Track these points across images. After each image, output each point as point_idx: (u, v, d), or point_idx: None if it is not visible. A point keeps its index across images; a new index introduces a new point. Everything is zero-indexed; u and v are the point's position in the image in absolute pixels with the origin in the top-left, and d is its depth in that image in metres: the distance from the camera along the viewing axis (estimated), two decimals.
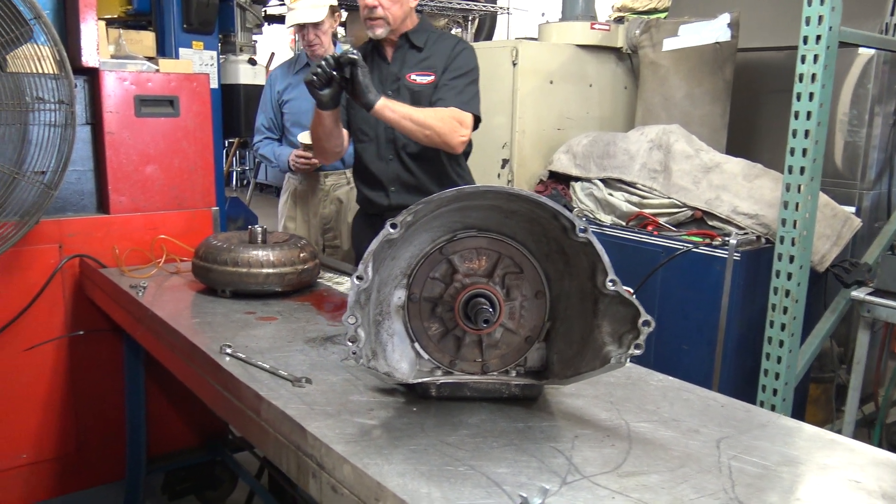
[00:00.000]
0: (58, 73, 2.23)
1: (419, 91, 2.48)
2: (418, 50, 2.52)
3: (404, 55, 2.53)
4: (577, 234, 1.29)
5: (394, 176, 2.58)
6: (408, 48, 2.52)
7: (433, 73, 2.49)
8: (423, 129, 2.33)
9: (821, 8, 2.50)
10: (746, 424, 1.42)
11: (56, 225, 2.52)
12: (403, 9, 2.45)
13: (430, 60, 2.51)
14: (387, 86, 2.50)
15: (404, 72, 2.51)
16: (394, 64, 2.53)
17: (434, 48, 2.52)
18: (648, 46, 3.83)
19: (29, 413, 2.56)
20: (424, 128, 2.33)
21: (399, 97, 2.43)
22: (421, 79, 2.49)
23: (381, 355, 1.43)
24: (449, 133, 2.37)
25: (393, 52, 2.54)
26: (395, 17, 2.43)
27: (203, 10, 4.11)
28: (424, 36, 2.54)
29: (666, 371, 1.74)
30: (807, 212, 2.62)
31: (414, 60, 2.52)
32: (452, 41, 2.56)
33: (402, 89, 2.49)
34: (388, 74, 2.52)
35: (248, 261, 2.14)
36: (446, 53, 2.49)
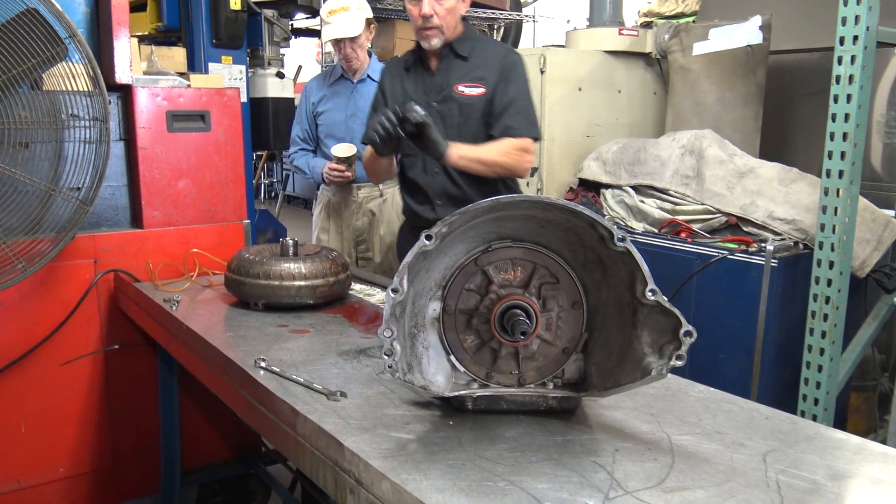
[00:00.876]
0: (92, 91, 2.26)
1: (468, 104, 2.42)
2: (463, 59, 2.45)
3: (449, 65, 2.47)
4: (616, 244, 1.27)
5: (440, 189, 2.54)
6: (452, 57, 2.46)
7: (483, 86, 2.42)
8: (493, 168, 2.34)
9: (857, 8, 2.44)
10: (793, 437, 1.38)
11: (91, 240, 2.55)
12: (456, 18, 2.40)
13: (480, 71, 2.43)
14: (431, 97, 2.45)
15: (451, 83, 2.44)
16: (438, 75, 2.47)
17: (481, 57, 2.45)
18: (678, 51, 3.79)
19: (65, 427, 2.59)
20: (494, 167, 2.35)
21: (446, 108, 2.40)
22: (470, 90, 2.42)
23: (417, 368, 1.41)
24: (516, 165, 2.39)
25: (437, 63, 2.48)
26: (450, 26, 2.39)
27: (231, 24, 4.16)
28: (469, 44, 2.47)
29: (702, 381, 1.70)
30: (846, 216, 2.56)
31: (461, 71, 2.45)
32: (501, 50, 2.49)
33: (449, 101, 2.44)
34: (432, 85, 2.47)
35: (281, 273, 2.14)
36: (497, 65, 2.42)
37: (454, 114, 2.41)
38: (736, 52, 3.57)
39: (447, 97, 2.44)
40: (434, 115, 2.39)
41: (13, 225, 2.21)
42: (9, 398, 2.47)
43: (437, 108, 2.42)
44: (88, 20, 2.66)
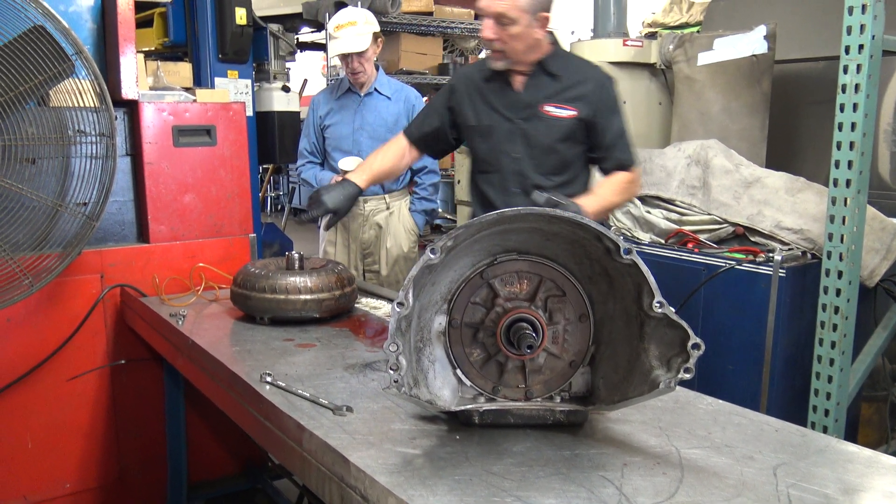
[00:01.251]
0: (98, 107, 2.27)
1: (556, 124, 2.32)
2: (553, 77, 2.33)
3: (538, 83, 2.33)
4: (622, 256, 1.26)
5: None
6: (542, 75, 2.33)
7: (575, 109, 2.31)
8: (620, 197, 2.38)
9: (863, 17, 2.44)
10: (803, 450, 1.37)
11: (98, 255, 2.55)
12: (526, 42, 2.23)
13: (571, 93, 2.32)
14: (516, 113, 2.35)
15: (539, 102, 2.33)
16: (526, 92, 2.34)
17: (574, 78, 2.33)
18: (683, 61, 3.79)
19: (72, 442, 2.59)
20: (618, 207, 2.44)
21: (531, 127, 2.33)
22: (559, 112, 2.32)
23: (423, 383, 1.40)
24: (629, 198, 2.49)
25: (525, 80, 2.34)
26: (516, 51, 2.24)
27: (237, 39, 4.18)
28: (560, 62, 2.34)
29: (711, 392, 1.68)
30: (854, 225, 2.54)
31: (550, 90, 2.33)
32: (597, 74, 2.37)
33: (535, 120, 2.34)
34: (517, 102, 2.35)
35: (286, 287, 2.14)
36: (595, 92, 2.32)
37: (539, 133, 2.32)
38: (741, 62, 3.57)
39: (533, 115, 2.34)
40: (517, 133, 2.35)
41: (20, 240, 2.21)
42: (16, 413, 2.47)
43: (522, 126, 2.33)
44: (95, 36, 2.68)
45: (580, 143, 2.37)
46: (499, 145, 2.38)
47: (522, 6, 2.16)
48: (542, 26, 2.23)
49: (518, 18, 2.17)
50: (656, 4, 6.55)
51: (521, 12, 2.17)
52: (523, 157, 2.36)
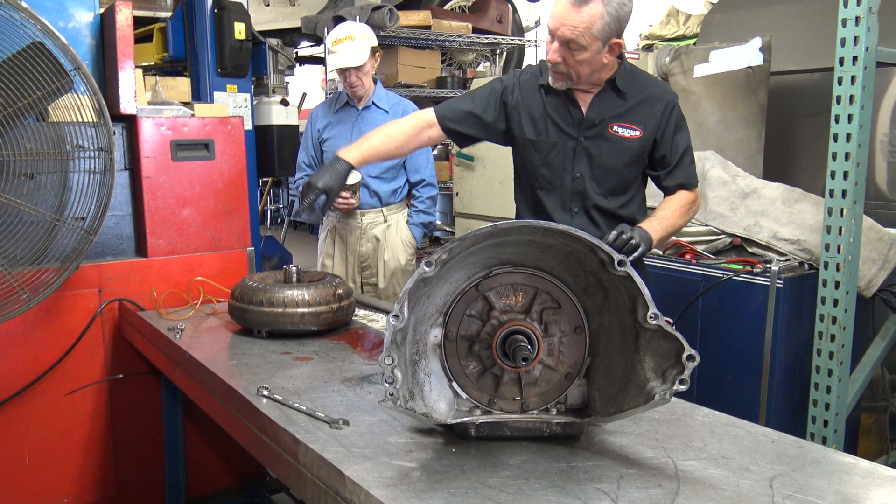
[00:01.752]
0: (97, 122, 2.29)
1: (622, 144, 2.24)
2: (620, 95, 2.23)
3: (604, 101, 2.23)
4: (616, 268, 1.27)
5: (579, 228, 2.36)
6: (610, 91, 2.22)
7: (640, 129, 2.22)
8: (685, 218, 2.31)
9: (856, 29, 2.46)
10: (800, 461, 1.37)
11: (96, 269, 2.56)
12: (593, 66, 2.11)
13: (637, 114, 2.24)
14: (581, 132, 2.24)
15: (606, 122, 2.23)
16: (591, 109, 2.23)
17: (640, 97, 2.24)
18: (679, 73, 3.81)
19: (70, 457, 2.58)
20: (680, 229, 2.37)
21: (594, 146, 2.24)
22: (625, 132, 2.23)
23: (419, 395, 1.40)
24: (692, 217, 2.38)
25: (592, 98, 2.23)
26: (581, 74, 2.13)
27: (236, 54, 4.20)
28: (627, 80, 2.23)
29: (710, 404, 1.68)
30: (851, 236, 2.55)
31: (617, 109, 2.23)
32: (662, 92, 2.28)
33: (600, 139, 2.24)
34: (582, 121, 2.24)
35: (284, 300, 2.14)
36: (659, 110, 2.23)
37: (603, 153, 2.25)
38: (737, 74, 3.59)
39: (599, 135, 2.24)
40: (580, 152, 2.26)
41: (18, 255, 2.22)
42: (13, 428, 2.46)
43: (586, 145, 2.25)
44: (94, 52, 2.69)
45: (642, 163, 2.30)
46: (560, 164, 2.28)
47: (595, 33, 2.01)
48: (612, 52, 2.11)
49: (589, 45, 2.03)
50: (653, 17, 6.59)
51: (592, 39, 2.03)
52: (585, 177, 2.27)
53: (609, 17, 2.00)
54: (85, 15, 2.66)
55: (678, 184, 2.29)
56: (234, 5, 4.21)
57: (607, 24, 2.01)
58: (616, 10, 2.01)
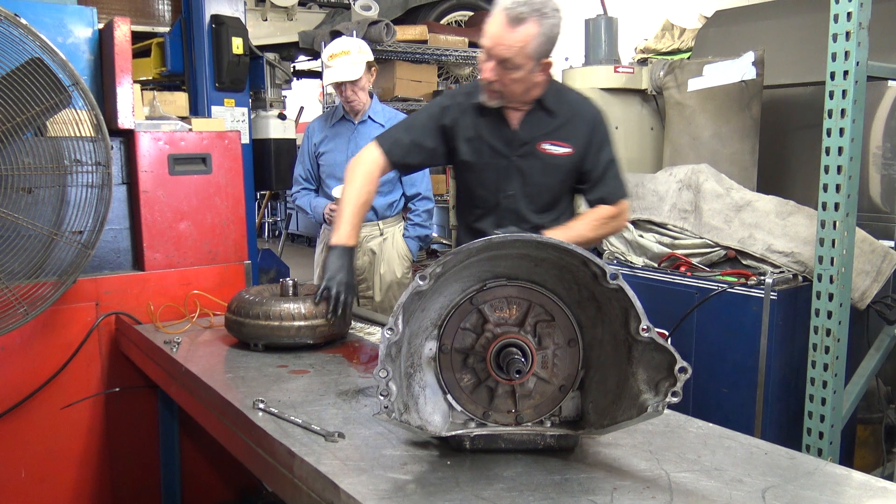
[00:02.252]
0: (95, 136, 2.30)
1: (552, 163, 2.29)
2: (549, 114, 2.28)
3: (534, 120, 2.28)
4: (609, 281, 1.28)
5: None
6: (539, 111, 2.27)
7: (570, 147, 2.27)
8: (599, 233, 2.33)
9: (847, 44, 2.48)
10: (792, 472, 1.37)
11: (93, 283, 2.56)
12: (526, 85, 2.17)
13: (566, 131, 2.28)
14: (512, 151, 2.29)
15: (536, 139, 2.28)
16: (522, 128, 2.28)
17: (568, 114, 2.29)
18: (673, 87, 3.84)
19: (65, 471, 2.58)
20: (590, 244, 2.36)
21: (526, 164, 2.29)
22: (555, 149, 2.27)
23: (414, 408, 1.41)
24: (612, 232, 2.42)
25: (521, 117, 2.28)
26: (514, 93, 2.18)
27: (234, 68, 4.24)
28: (555, 98, 2.28)
29: (706, 416, 1.69)
30: (844, 248, 2.57)
31: (546, 127, 2.28)
32: (589, 109, 2.33)
33: (532, 157, 2.29)
34: (513, 139, 2.29)
35: (280, 314, 2.15)
36: (586, 128, 2.29)
37: (535, 171, 2.30)
38: (730, 88, 3.62)
39: (530, 153, 2.29)
40: (513, 170, 2.30)
41: (16, 269, 2.23)
42: (9, 442, 2.46)
43: (517, 164, 2.30)
44: (92, 67, 2.72)
45: (572, 179, 2.35)
46: (494, 183, 2.33)
47: (529, 52, 2.07)
48: (543, 71, 2.18)
49: (523, 65, 2.10)
50: (649, 31, 6.64)
51: (527, 59, 2.09)
52: (518, 195, 2.32)
53: (543, 36, 2.06)
54: (83, 31, 2.69)
55: (599, 198, 2.34)
56: (232, 20, 4.25)
57: (541, 44, 2.07)
58: (549, 30, 2.07)
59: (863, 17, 2.48)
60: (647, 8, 7.42)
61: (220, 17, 4.22)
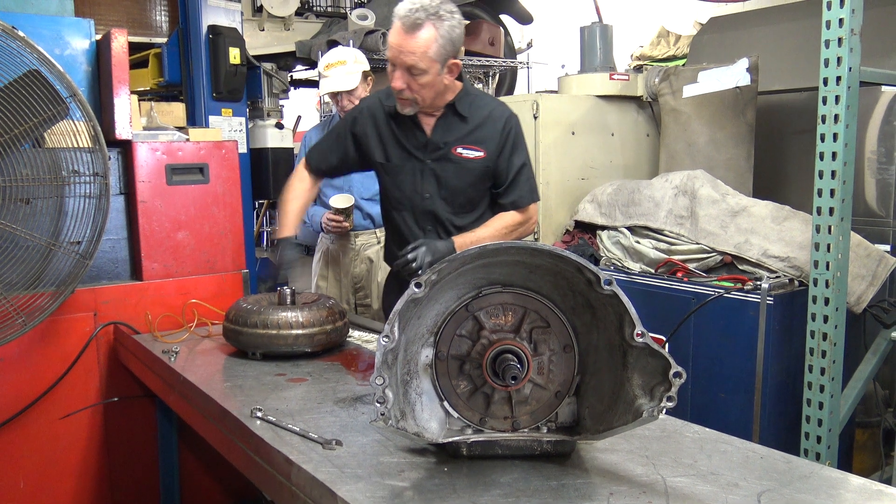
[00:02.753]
0: (93, 147, 2.31)
1: (466, 166, 2.35)
2: (462, 119, 2.34)
3: (447, 125, 2.35)
4: (603, 287, 1.29)
5: None
6: (451, 116, 2.34)
7: (483, 150, 2.33)
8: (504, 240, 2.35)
9: (839, 49, 2.50)
10: (788, 476, 1.38)
11: (91, 293, 2.57)
12: (435, 89, 2.24)
13: (478, 134, 2.35)
14: (427, 154, 2.36)
15: (450, 144, 2.34)
16: (435, 133, 2.35)
17: (480, 119, 2.35)
18: (668, 94, 3.86)
19: (64, 481, 2.57)
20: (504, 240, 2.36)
21: (440, 168, 2.35)
22: (468, 153, 2.34)
23: (411, 415, 1.42)
24: (522, 234, 2.43)
25: (434, 122, 2.36)
26: (425, 98, 2.24)
27: (231, 78, 4.25)
28: (468, 102, 2.35)
29: (704, 421, 1.70)
30: (839, 252, 2.58)
31: (460, 132, 2.35)
32: (500, 113, 2.38)
33: (445, 161, 2.35)
34: (427, 144, 2.36)
35: (278, 322, 2.16)
36: (497, 132, 2.34)
37: (449, 174, 2.36)
38: (725, 94, 3.64)
39: (444, 157, 2.35)
40: (428, 173, 2.37)
41: (14, 280, 2.23)
42: (8, 453, 2.46)
43: (432, 167, 2.37)
44: (89, 78, 2.73)
45: (487, 181, 2.41)
46: (410, 185, 2.40)
47: (432, 56, 2.14)
48: (451, 73, 2.25)
49: (428, 69, 2.16)
50: (644, 38, 6.66)
51: (431, 62, 2.15)
52: (434, 197, 2.39)
53: (442, 39, 2.14)
54: (81, 42, 2.70)
55: (510, 201, 2.40)
56: (229, 31, 4.26)
57: (442, 47, 2.15)
58: (448, 32, 2.15)
59: (855, 23, 2.49)
60: (642, 15, 7.46)
61: (217, 27, 4.23)
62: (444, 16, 2.14)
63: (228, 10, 4.37)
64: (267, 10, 5.56)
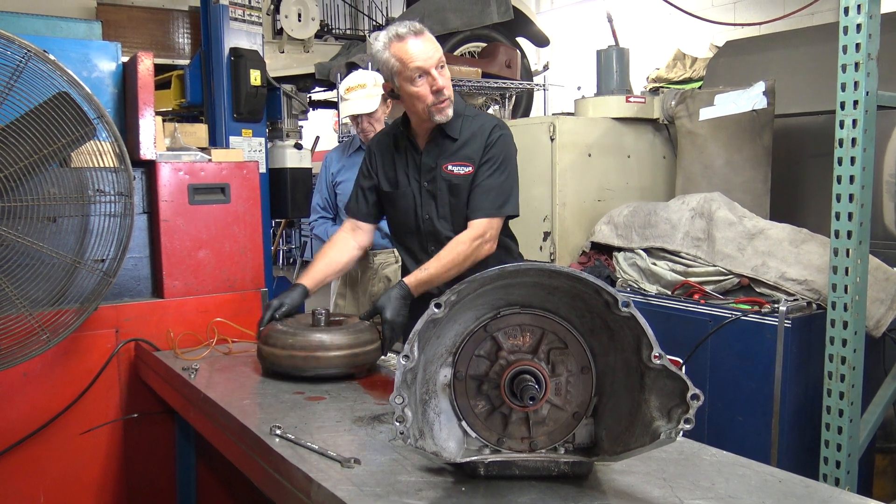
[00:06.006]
0: (118, 167, 2.36)
1: (457, 183, 2.40)
2: (452, 139, 2.41)
3: (439, 144, 2.42)
4: (620, 309, 1.30)
5: None
6: (441, 137, 2.41)
7: (471, 165, 2.39)
8: (458, 269, 2.30)
9: (856, 74, 2.51)
10: (807, 501, 1.38)
11: (114, 310, 2.61)
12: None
13: (467, 150, 2.41)
14: (423, 176, 2.44)
15: (441, 162, 2.41)
16: (428, 155, 2.43)
17: (468, 134, 2.41)
18: (685, 116, 3.88)
19: (84, 496, 2.60)
20: (458, 269, 2.31)
21: (435, 188, 2.41)
22: (458, 169, 2.39)
23: (429, 434, 1.43)
24: (475, 256, 2.34)
25: (426, 143, 2.44)
26: (451, 94, 2.35)
27: (252, 100, 4.33)
28: (458, 122, 2.41)
29: (721, 444, 1.70)
30: (857, 276, 2.57)
31: (450, 150, 2.42)
32: (487, 126, 2.42)
33: (439, 180, 2.41)
34: (422, 165, 2.44)
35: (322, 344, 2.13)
36: (481, 143, 2.39)
37: (443, 193, 2.41)
38: (741, 117, 3.65)
39: (436, 177, 2.42)
40: (425, 195, 2.43)
41: (39, 297, 2.27)
42: (30, 467, 2.49)
43: (428, 188, 2.42)
44: (116, 100, 2.79)
45: None
46: (411, 209, 2.46)
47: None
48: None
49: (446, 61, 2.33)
50: (660, 60, 6.69)
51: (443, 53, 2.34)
52: (433, 218, 2.44)
53: None
54: (108, 65, 2.76)
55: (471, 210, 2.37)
56: (250, 53, 4.35)
57: None
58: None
59: (872, 48, 2.51)
60: (658, 38, 7.50)
61: (238, 49, 4.32)
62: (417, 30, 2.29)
63: (250, 32, 4.46)
64: (287, 32, 5.66)
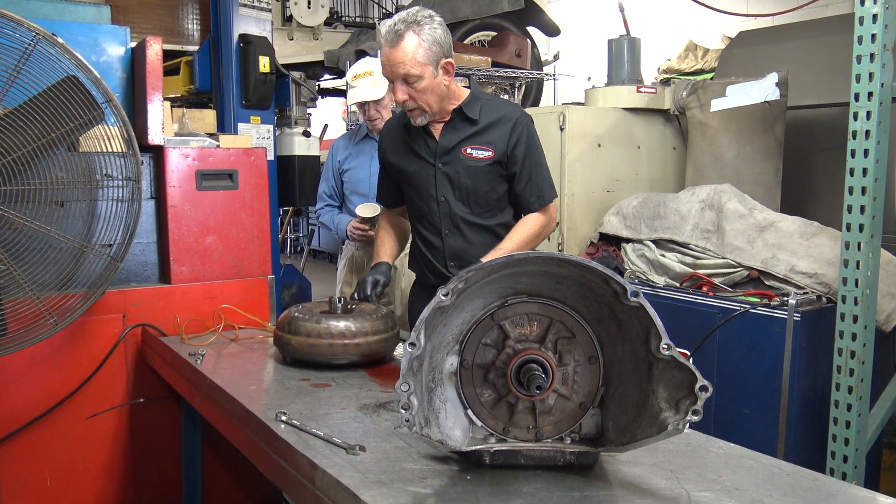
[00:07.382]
0: (126, 152, 2.35)
1: (475, 166, 2.39)
2: (472, 122, 2.39)
3: (456, 127, 2.40)
4: (629, 299, 1.29)
5: (452, 252, 2.49)
6: (460, 120, 2.39)
7: (491, 150, 2.37)
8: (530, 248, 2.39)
9: (871, 65, 2.48)
10: (814, 494, 1.37)
11: (121, 295, 2.61)
12: (437, 93, 2.29)
13: (488, 136, 2.39)
14: (437, 159, 2.42)
15: (460, 145, 2.39)
16: (444, 136, 2.41)
17: (490, 119, 2.40)
18: (696, 107, 3.84)
19: (90, 480, 2.61)
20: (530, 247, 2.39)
21: (452, 170, 2.40)
22: (478, 153, 2.38)
23: (434, 422, 1.42)
24: (545, 235, 2.48)
25: (443, 127, 2.41)
26: (430, 103, 2.30)
27: (260, 86, 4.31)
28: (478, 105, 2.40)
29: (728, 437, 1.68)
30: (868, 270, 2.55)
31: (469, 132, 2.40)
32: (511, 114, 2.42)
33: (456, 163, 2.40)
34: (437, 148, 2.42)
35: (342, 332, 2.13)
36: (507, 132, 2.38)
37: (461, 176, 2.40)
38: (753, 108, 3.62)
39: (454, 159, 2.40)
40: (440, 177, 2.43)
41: (47, 280, 2.27)
42: (36, 451, 2.50)
43: (444, 170, 2.41)
44: (124, 85, 2.78)
45: (503, 182, 2.45)
46: (426, 190, 2.46)
47: (421, 60, 2.21)
48: (448, 74, 2.30)
49: (422, 73, 2.22)
50: (671, 51, 6.64)
51: (422, 66, 2.21)
52: (450, 200, 2.44)
53: (426, 42, 2.21)
54: (117, 49, 2.75)
55: (533, 200, 2.43)
56: (260, 39, 4.32)
57: (428, 49, 2.22)
58: (430, 35, 2.22)
59: (887, 39, 2.48)
60: (670, 28, 7.43)
61: (247, 36, 4.29)
62: (421, 21, 2.22)
63: (259, 19, 4.43)
64: (296, 19, 5.63)
